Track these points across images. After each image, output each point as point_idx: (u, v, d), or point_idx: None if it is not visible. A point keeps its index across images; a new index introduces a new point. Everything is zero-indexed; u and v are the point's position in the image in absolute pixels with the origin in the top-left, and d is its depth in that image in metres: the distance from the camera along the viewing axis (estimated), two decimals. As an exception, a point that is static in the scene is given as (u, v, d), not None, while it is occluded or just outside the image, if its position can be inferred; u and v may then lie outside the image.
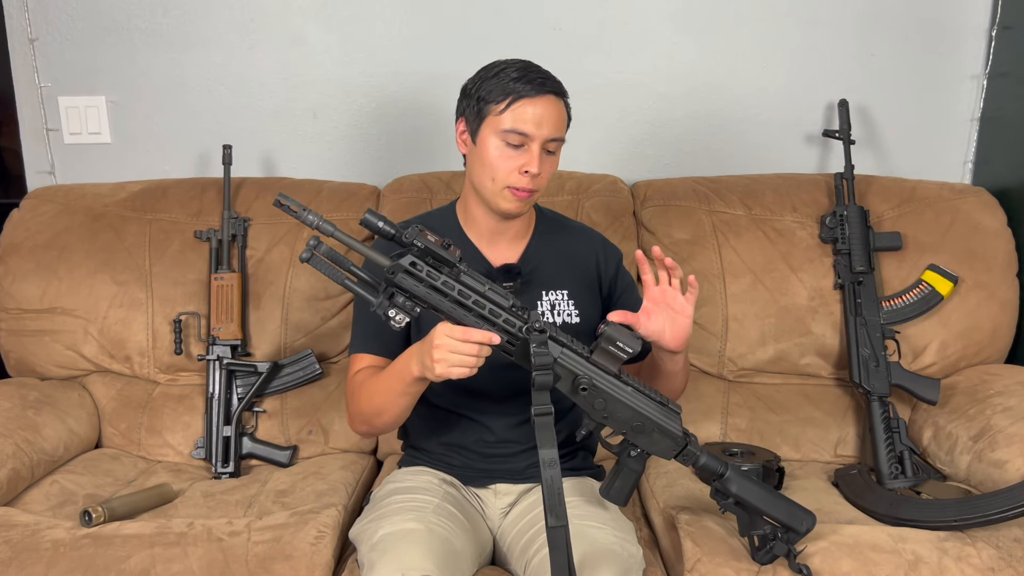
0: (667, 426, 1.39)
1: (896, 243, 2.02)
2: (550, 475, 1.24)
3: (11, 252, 2.02)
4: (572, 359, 1.35)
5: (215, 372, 1.95)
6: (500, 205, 1.50)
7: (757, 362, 2.03)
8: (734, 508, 1.45)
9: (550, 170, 1.51)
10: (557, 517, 1.22)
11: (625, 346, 1.35)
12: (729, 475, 1.42)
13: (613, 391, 1.36)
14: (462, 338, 1.29)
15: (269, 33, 2.22)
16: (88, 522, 1.55)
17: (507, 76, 1.47)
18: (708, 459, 1.42)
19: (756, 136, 2.29)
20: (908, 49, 2.25)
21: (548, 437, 1.25)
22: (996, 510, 1.53)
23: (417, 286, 1.30)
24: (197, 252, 2.03)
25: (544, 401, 1.26)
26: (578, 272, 1.61)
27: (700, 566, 1.49)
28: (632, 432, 1.39)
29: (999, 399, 1.83)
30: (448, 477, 1.58)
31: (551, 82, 1.50)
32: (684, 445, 1.40)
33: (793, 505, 1.43)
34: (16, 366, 2.05)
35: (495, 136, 1.47)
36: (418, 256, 1.30)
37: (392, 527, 1.38)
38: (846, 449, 1.99)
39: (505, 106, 1.46)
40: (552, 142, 1.49)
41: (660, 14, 2.23)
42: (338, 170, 2.27)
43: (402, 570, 1.28)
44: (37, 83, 2.22)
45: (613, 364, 1.36)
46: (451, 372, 1.30)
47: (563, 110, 1.51)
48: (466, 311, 1.31)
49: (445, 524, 1.41)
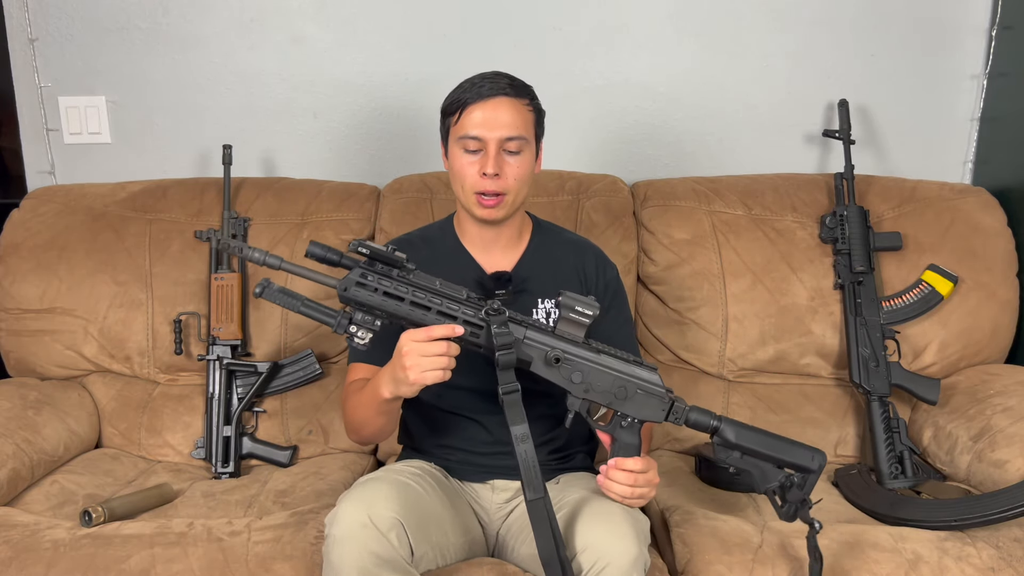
0: (648, 385, 1.39)
1: (896, 243, 2.02)
2: (523, 449, 1.29)
3: (11, 252, 2.02)
4: (537, 337, 1.37)
5: (215, 372, 1.95)
6: (476, 212, 1.53)
7: (757, 362, 2.03)
8: (742, 462, 1.42)
9: (517, 171, 1.51)
10: (534, 490, 1.27)
11: (584, 310, 1.37)
12: (723, 426, 1.41)
13: (586, 360, 1.37)
14: (425, 338, 1.30)
15: (269, 33, 2.22)
16: (88, 522, 1.55)
17: (462, 87, 1.51)
18: (698, 414, 1.41)
19: (756, 136, 2.29)
20: (908, 49, 2.25)
21: (518, 414, 1.30)
22: (996, 510, 1.54)
23: (372, 296, 1.31)
24: (197, 252, 2.03)
25: (510, 379, 1.31)
26: (570, 283, 1.61)
27: (691, 566, 1.50)
28: (616, 400, 1.38)
29: (999, 399, 1.83)
30: (443, 470, 1.59)
31: (501, 85, 1.50)
32: (671, 402, 1.40)
33: (798, 444, 1.42)
34: (16, 366, 2.05)
35: (456, 145, 1.52)
36: (366, 267, 1.32)
37: (367, 479, 1.40)
38: (846, 449, 1.99)
39: (458, 115, 1.50)
40: (511, 141, 1.49)
41: (660, 14, 2.23)
42: (338, 170, 2.27)
43: (368, 511, 1.28)
44: (37, 83, 2.22)
45: (578, 332, 1.38)
46: (425, 377, 1.31)
47: (521, 109, 1.50)
48: (424, 310, 1.33)
49: (425, 486, 1.43)
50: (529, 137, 1.52)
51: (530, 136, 1.52)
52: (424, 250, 1.62)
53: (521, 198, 1.55)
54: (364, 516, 1.27)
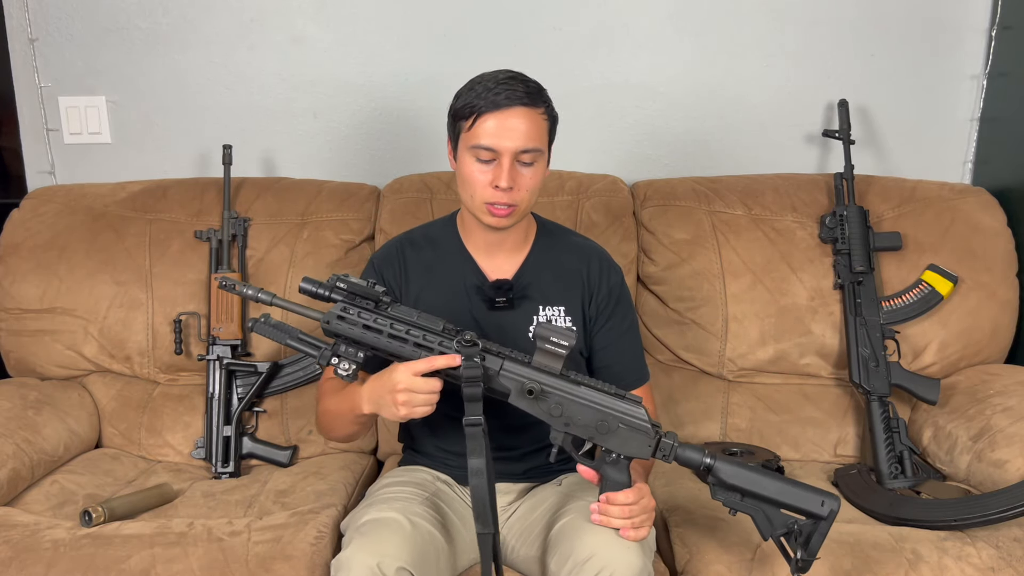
0: (632, 419, 1.33)
1: (896, 243, 2.02)
2: (476, 484, 1.29)
3: (11, 252, 2.02)
4: (515, 369, 1.34)
5: (215, 372, 1.95)
6: (484, 220, 1.51)
7: (757, 362, 2.03)
8: (743, 505, 1.33)
9: (530, 183, 1.48)
10: (484, 524, 1.29)
11: (560, 341, 1.32)
12: (717, 465, 1.32)
13: (564, 393, 1.33)
14: (426, 369, 1.30)
15: (269, 33, 2.22)
16: (88, 522, 1.55)
17: (475, 91, 1.46)
18: (689, 451, 1.33)
19: (756, 136, 2.29)
20: (908, 49, 2.25)
21: (477, 447, 1.29)
22: (996, 510, 1.54)
23: (352, 329, 1.34)
24: (197, 252, 2.03)
25: (476, 412, 1.29)
26: (574, 288, 1.60)
27: (691, 566, 1.50)
28: (599, 435, 1.33)
29: (999, 399, 1.83)
30: (444, 476, 1.59)
31: (518, 94, 1.44)
32: (657, 438, 1.33)
33: (805, 487, 1.30)
34: (16, 366, 2.05)
35: (467, 152, 1.47)
36: (347, 301, 1.35)
37: (378, 514, 1.39)
38: (846, 449, 1.99)
39: (472, 122, 1.45)
40: (525, 153, 1.45)
41: (660, 14, 2.23)
42: (338, 170, 2.27)
43: (378, 556, 1.29)
44: (37, 83, 2.22)
45: (555, 363, 1.33)
46: (415, 412, 1.34)
47: (536, 119, 1.46)
48: (401, 343, 1.34)
49: (431, 517, 1.43)
50: (543, 147, 1.48)
51: (544, 146, 1.49)
52: (427, 250, 1.61)
53: (531, 206, 1.52)
54: (373, 563, 1.28)
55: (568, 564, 1.32)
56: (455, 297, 1.57)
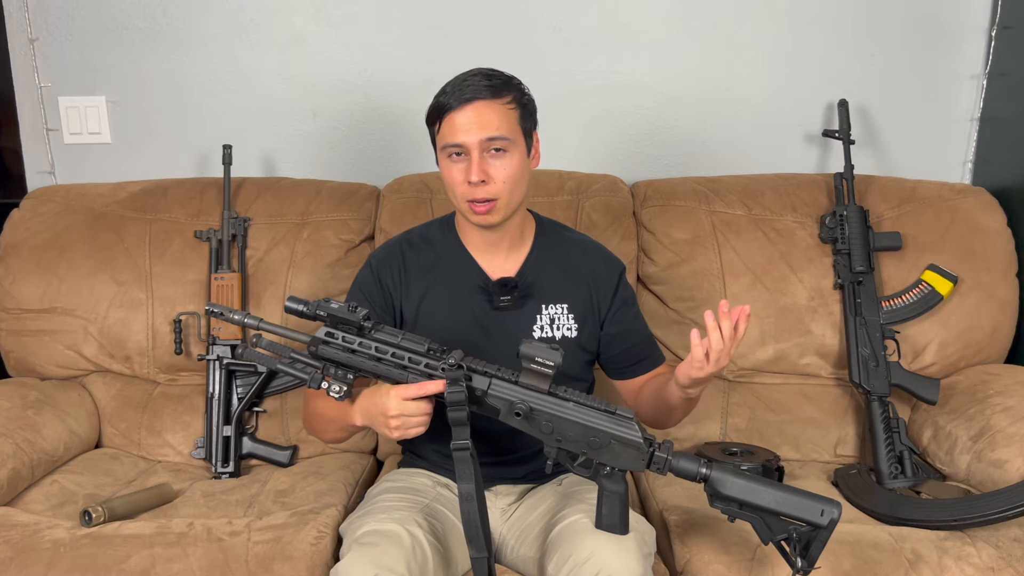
0: (623, 434, 1.31)
1: (896, 243, 2.02)
2: (467, 509, 1.29)
3: (11, 252, 2.02)
4: (503, 388, 1.33)
5: (215, 372, 1.95)
6: (470, 219, 1.52)
7: (757, 362, 2.03)
8: (741, 513, 1.33)
9: (504, 173, 1.46)
10: (477, 549, 1.29)
11: (546, 360, 1.31)
12: (714, 475, 1.31)
13: (553, 410, 1.32)
14: (416, 395, 1.31)
15: (269, 33, 2.22)
16: (88, 522, 1.56)
17: (444, 93, 1.48)
18: (684, 462, 1.33)
19: (756, 136, 2.29)
20: (908, 49, 2.25)
21: (466, 471, 1.29)
22: (996, 510, 1.54)
23: (337, 353, 1.35)
24: (197, 252, 2.03)
25: (463, 436, 1.29)
26: (578, 286, 1.60)
27: (691, 566, 1.50)
28: (591, 450, 1.33)
29: (999, 399, 1.83)
30: (444, 480, 1.59)
31: (478, 88, 1.45)
32: (651, 452, 1.32)
33: (804, 495, 1.29)
34: (16, 366, 2.05)
35: (442, 154, 1.50)
36: (331, 325, 1.35)
37: (377, 524, 1.40)
38: (846, 449, 1.99)
39: (439, 125, 1.48)
40: (492, 142, 1.45)
41: (660, 14, 2.23)
42: (338, 170, 2.27)
43: (376, 568, 1.30)
44: (37, 83, 2.22)
45: (543, 383, 1.33)
46: (410, 433, 1.35)
47: (500, 110, 1.45)
48: (388, 366, 1.35)
49: (429, 526, 1.43)
50: (513, 136, 1.47)
51: (514, 135, 1.47)
52: (427, 251, 1.61)
53: (516, 199, 1.51)
54: (372, 574, 1.29)
55: (567, 567, 1.32)
56: (459, 297, 1.57)
